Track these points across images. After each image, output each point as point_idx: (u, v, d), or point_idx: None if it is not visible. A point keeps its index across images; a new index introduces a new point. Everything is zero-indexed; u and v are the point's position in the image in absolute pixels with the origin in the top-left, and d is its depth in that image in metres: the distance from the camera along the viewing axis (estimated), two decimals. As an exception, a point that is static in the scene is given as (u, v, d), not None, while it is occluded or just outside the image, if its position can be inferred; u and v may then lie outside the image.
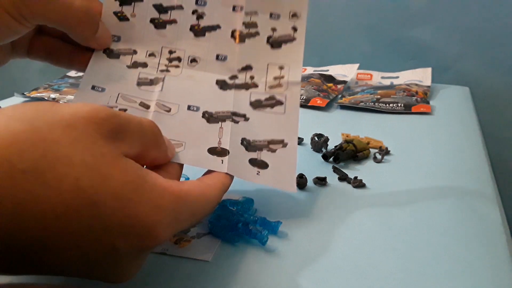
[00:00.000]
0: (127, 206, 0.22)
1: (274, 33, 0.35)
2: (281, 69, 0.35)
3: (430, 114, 0.65)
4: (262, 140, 0.33)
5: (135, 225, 0.22)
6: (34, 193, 0.20)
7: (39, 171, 0.20)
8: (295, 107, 0.34)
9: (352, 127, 0.59)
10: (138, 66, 0.36)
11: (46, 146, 0.20)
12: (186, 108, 0.34)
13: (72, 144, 0.21)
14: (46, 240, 0.20)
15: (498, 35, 0.85)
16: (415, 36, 0.89)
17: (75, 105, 0.23)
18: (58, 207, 0.20)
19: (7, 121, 0.21)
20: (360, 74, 0.84)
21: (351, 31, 0.92)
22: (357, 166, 0.48)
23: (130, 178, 0.23)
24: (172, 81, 0.35)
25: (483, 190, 0.43)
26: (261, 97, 0.34)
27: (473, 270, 0.31)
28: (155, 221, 0.23)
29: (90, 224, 0.21)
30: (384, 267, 0.31)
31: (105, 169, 0.22)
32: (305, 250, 0.33)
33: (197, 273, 0.31)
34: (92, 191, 0.21)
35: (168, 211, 0.24)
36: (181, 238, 0.34)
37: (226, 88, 0.35)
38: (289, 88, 0.34)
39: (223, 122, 0.33)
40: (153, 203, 0.23)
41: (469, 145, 0.54)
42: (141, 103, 0.34)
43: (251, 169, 0.32)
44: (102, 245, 0.22)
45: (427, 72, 0.80)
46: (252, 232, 0.33)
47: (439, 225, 0.37)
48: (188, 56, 0.36)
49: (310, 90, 0.72)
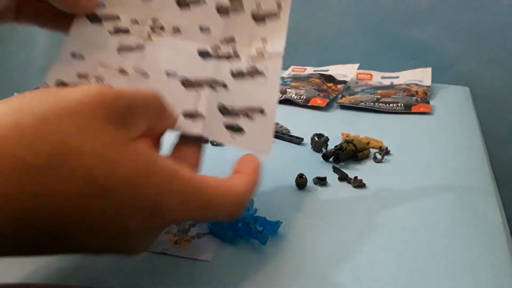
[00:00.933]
0: (137, 190, 0.23)
1: (258, 9, 0.35)
2: (263, 42, 0.35)
3: (430, 114, 0.65)
4: (240, 107, 0.33)
5: (144, 207, 0.23)
6: (49, 187, 0.20)
7: (52, 165, 0.20)
8: (275, 77, 0.35)
9: (352, 127, 0.59)
10: (119, 32, 0.36)
11: (57, 138, 0.21)
12: (164, 74, 0.34)
13: (81, 133, 0.21)
14: (62, 228, 0.21)
15: (498, 35, 0.85)
16: (415, 36, 0.89)
17: (80, 90, 0.23)
18: (73, 197, 0.21)
19: (15, 115, 0.20)
20: (360, 74, 0.84)
21: (351, 31, 0.92)
22: (357, 166, 0.48)
23: (140, 163, 0.23)
24: (153, 48, 0.35)
25: (483, 190, 0.43)
26: (242, 68, 0.34)
27: (473, 270, 0.31)
28: (164, 201, 0.24)
29: (103, 210, 0.22)
30: (384, 267, 0.31)
31: (115, 156, 0.22)
32: (305, 250, 0.33)
33: (197, 273, 0.31)
34: (104, 179, 0.21)
35: (177, 193, 0.24)
36: (181, 238, 0.34)
37: (208, 57, 0.35)
38: (271, 59, 0.35)
39: (200, 88, 0.33)
40: (161, 185, 0.24)
41: (469, 145, 0.54)
42: (120, 69, 0.34)
43: (227, 133, 0.32)
44: (115, 227, 0.23)
45: (427, 72, 0.80)
46: (252, 232, 0.33)
47: (439, 225, 0.37)
48: (172, 26, 0.36)
49: (310, 90, 0.72)
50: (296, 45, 0.95)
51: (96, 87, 0.23)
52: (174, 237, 0.34)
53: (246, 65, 0.34)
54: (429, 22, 0.88)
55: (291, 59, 0.94)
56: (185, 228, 0.35)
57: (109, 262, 0.32)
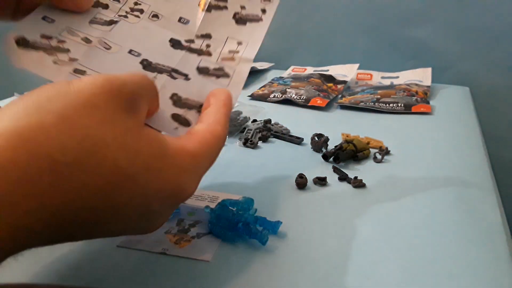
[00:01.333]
0: (158, 175, 0.24)
1: (242, 11, 0.36)
2: (238, 44, 0.35)
3: (430, 114, 0.65)
4: (195, 101, 0.33)
5: (166, 189, 0.25)
6: (79, 181, 0.21)
7: (80, 161, 0.21)
8: (239, 83, 0.35)
9: (352, 127, 0.59)
10: (98, 6, 0.35)
11: (80, 134, 0.21)
12: (127, 51, 0.33)
13: (101, 125, 0.22)
14: (93, 218, 0.22)
15: (498, 35, 0.85)
16: (415, 36, 0.89)
17: (88, 81, 0.23)
18: (102, 189, 0.22)
19: (37, 115, 0.21)
20: (360, 74, 0.84)
21: (351, 31, 0.92)
22: (357, 166, 0.48)
23: (156, 148, 0.25)
24: (125, 26, 0.35)
25: (483, 190, 0.43)
26: (210, 66, 0.34)
27: (473, 270, 0.31)
28: (182, 181, 0.26)
29: (130, 196, 0.23)
30: (384, 267, 0.31)
31: (134, 144, 0.23)
32: (305, 250, 0.33)
33: (197, 273, 0.31)
34: (128, 167, 0.23)
35: (190, 170, 0.27)
36: (181, 238, 0.34)
37: (178, 48, 0.35)
38: (240, 64, 0.35)
39: (159, 73, 0.33)
40: (178, 167, 0.26)
41: (469, 145, 0.54)
42: (84, 38, 0.33)
43: (171, 123, 0.32)
44: (141, 210, 0.24)
45: (427, 72, 0.80)
46: (252, 232, 0.33)
47: (439, 225, 0.37)
48: (152, 11, 0.36)
49: (310, 90, 0.72)
50: (296, 45, 0.95)
51: (100, 76, 0.24)
52: (174, 237, 0.34)
53: (215, 64, 0.34)
54: (429, 22, 0.88)
55: (291, 59, 0.94)
56: (185, 228, 0.35)
57: (109, 262, 0.32)
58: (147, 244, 0.33)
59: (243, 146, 0.52)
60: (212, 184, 0.43)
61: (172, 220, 0.37)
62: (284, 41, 0.95)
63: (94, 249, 0.33)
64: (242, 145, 0.52)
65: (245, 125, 0.58)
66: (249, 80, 0.81)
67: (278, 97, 0.71)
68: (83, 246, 0.33)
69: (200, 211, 0.38)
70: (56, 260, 0.32)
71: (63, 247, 0.33)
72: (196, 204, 0.39)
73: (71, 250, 0.33)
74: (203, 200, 0.39)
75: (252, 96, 0.74)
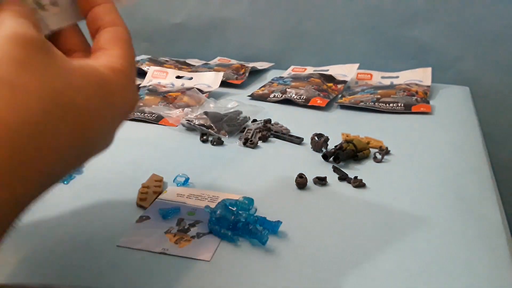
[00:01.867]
0: (104, 102, 0.25)
1: None
2: None
3: (430, 114, 0.65)
4: None
5: (126, 105, 0.28)
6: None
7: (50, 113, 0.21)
8: None
9: (352, 127, 0.59)
10: None
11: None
12: None
13: (45, 71, 0.22)
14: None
15: (498, 35, 0.85)
16: (415, 36, 0.89)
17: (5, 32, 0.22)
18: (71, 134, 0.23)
19: None
20: (360, 74, 0.84)
21: (351, 31, 0.92)
22: (357, 166, 0.48)
23: (92, 77, 0.25)
24: None
25: (483, 190, 0.43)
26: None
27: (473, 270, 0.31)
28: (128, 97, 0.28)
29: (98, 132, 0.25)
30: (384, 267, 0.31)
31: (76, 81, 0.23)
32: (305, 250, 0.33)
33: (197, 273, 0.31)
34: (83, 104, 0.23)
35: (127, 79, 0.27)
36: (181, 238, 0.34)
37: None
38: None
39: None
40: (121, 85, 0.27)
41: (469, 145, 0.54)
42: None
43: None
44: (112, 125, 0.27)
45: (427, 72, 0.80)
46: (252, 232, 0.33)
47: (439, 225, 0.37)
48: None
49: (310, 90, 0.72)
50: (296, 45, 0.95)
51: (7, 24, 0.22)
52: (174, 237, 0.34)
53: None
54: (429, 22, 0.88)
55: (291, 59, 0.94)
56: (185, 228, 0.35)
57: (109, 262, 0.32)
58: (147, 244, 0.33)
59: (243, 146, 0.52)
60: (212, 184, 0.43)
61: (172, 220, 0.37)
62: (284, 41, 0.95)
63: (94, 249, 0.33)
64: (242, 145, 0.52)
65: (245, 125, 0.58)
66: (249, 80, 0.81)
67: (278, 97, 0.71)
68: (83, 246, 0.33)
69: (200, 211, 0.38)
70: (56, 260, 0.32)
71: (63, 247, 0.33)
72: (196, 204, 0.39)
73: (71, 250, 0.33)
74: (203, 200, 0.39)
75: (252, 96, 0.74)
